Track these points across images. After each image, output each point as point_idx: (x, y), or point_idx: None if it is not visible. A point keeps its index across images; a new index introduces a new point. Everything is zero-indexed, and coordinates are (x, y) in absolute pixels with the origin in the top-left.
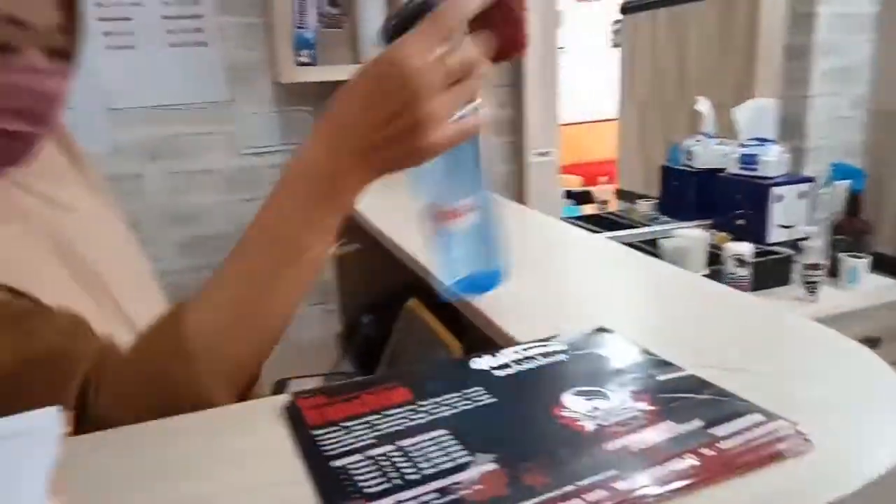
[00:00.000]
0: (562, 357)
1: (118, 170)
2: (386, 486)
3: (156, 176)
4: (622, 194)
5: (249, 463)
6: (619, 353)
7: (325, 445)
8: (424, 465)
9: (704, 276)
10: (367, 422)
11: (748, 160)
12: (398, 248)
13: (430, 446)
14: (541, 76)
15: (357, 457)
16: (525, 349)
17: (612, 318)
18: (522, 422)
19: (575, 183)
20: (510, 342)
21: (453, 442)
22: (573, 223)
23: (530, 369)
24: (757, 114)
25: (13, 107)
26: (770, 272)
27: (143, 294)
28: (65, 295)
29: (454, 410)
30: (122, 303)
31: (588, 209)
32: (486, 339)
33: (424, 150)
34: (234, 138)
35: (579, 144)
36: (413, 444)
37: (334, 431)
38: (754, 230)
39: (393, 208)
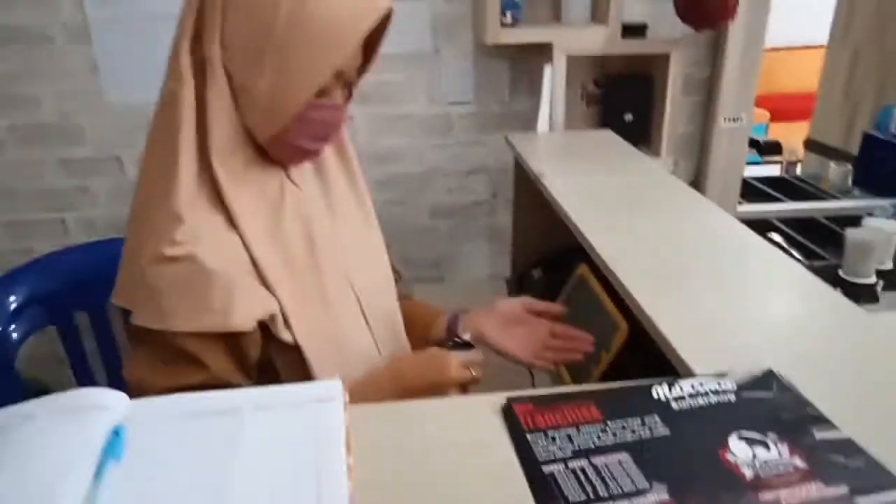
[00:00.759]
0: (731, 397)
1: None
2: (584, 498)
3: (363, 119)
4: (813, 146)
5: (474, 451)
6: (784, 401)
7: (536, 450)
8: (612, 484)
9: (887, 271)
10: (566, 434)
11: None
12: (576, 228)
13: (615, 467)
14: (746, 33)
15: (560, 466)
16: (700, 384)
17: (781, 354)
18: (692, 458)
19: (761, 118)
20: (686, 369)
21: (634, 467)
22: (753, 183)
23: (702, 406)
24: None
25: (315, 134)
26: None
27: (370, 267)
28: (302, 276)
29: (635, 436)
30: (355, 283)
31: (770, 169)
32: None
33: None
34: (433, 87)
35: (774, 71)
36: (603, 463)
37: (542, 438)
38: None
39: (574, 190)
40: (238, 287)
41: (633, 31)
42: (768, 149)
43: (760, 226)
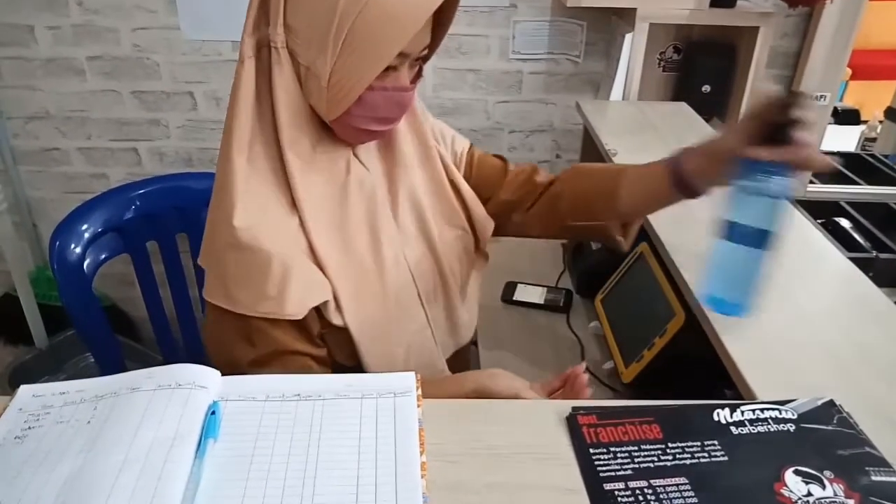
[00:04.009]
0: (790, 427)
1: None
2: None
3: (430, 70)
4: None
5: (538, 458)
6: (842, 437)
7: (598, 465)
8: None
9: None
10: (627, 452)
11: None
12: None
13: (673, 492)
14: (842, 10)
15: (621, 484)
16: (761, 410)
17: (844, 383)
18: (748, 489)
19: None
20: (748, 390)
21: (690, 493)
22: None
23: (761, 433)
24: None
25: (380, 116)
26: None
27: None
28: (360, 260)
29: (693, 461)
30: (412, 263)
31: (846, 137)
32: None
33: None
34: (506, 43)
35: (863, 23)
36: (661, 486)
37: (604, 454)
38: None
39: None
40: (293, 273)
41: (722, 0)
42: (846, 117)
43: (828, 208)
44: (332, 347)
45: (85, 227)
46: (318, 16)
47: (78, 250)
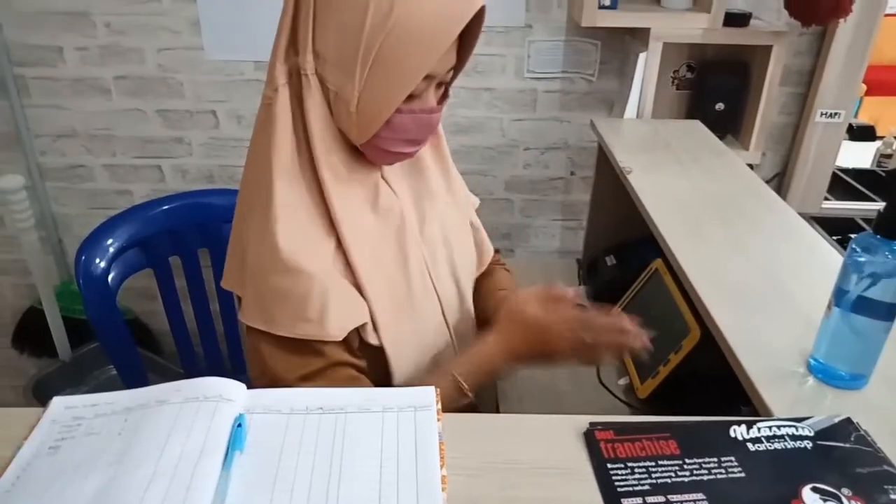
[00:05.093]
0: (807, 444)
1: None
2: None
3: None
4: None
5: (556, 473)
6: (861, 454)
7: (616, 480)
8: None
9: None
10: (645, 467)
11: None
12: (660, 235)
13: None
14: (856, 27)
15: (639, 500)
16: (778, 426)
17: (862, 400)
18: None
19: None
20: (764, 406)
21: None
22: (839, 174)
23: (778, 450)
24: None
25: (408, 138)
26: None
27: (454, 261)
28: (389, 276)
29: (710, 477)
30: (438, 284)
31: (861, 154)
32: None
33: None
34: (521, 62)
35: (878, 39)
36: (678, 501)
37: (622, 469)
38: None
39: (659, 191)
40: (333, 294)
41: (736, 19)
42: (860, 133)
43: (844, 225)
44: (366, 362)
45: (110, 241)
46: (345, 42)
47: (103, 265)
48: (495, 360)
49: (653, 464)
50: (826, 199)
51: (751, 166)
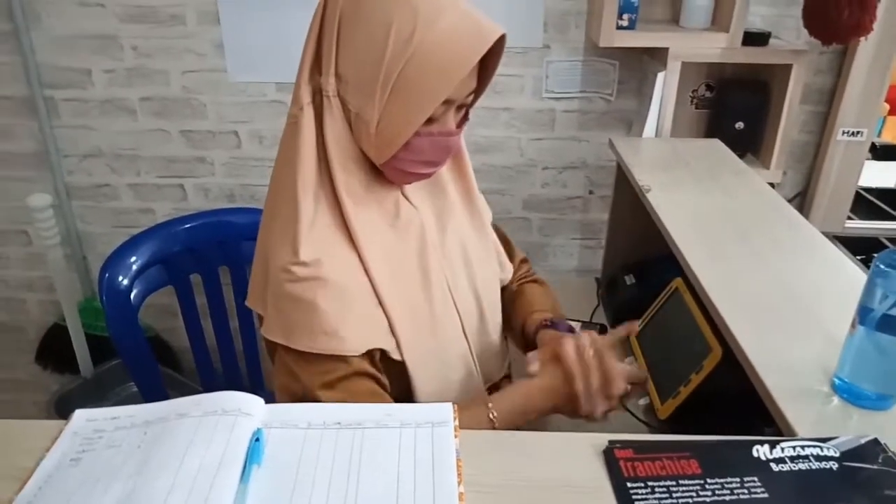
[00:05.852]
0: (832, 465)
1: None
2: None
3: None
4: None
5: (574, 491)
6: (889, 477)
7: (636, 499)
8: None
9: None
10: (665, 487)
11: None
12: (681, 255)
13: None
14: (877, 45)
15: None
16: (803, 446)
17: (892, 423)
18: None
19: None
20: (788, 428)
21: None
22: (863, 194)
23: (802, 471)
24: None
25: (425, 159)
26: None
27: (475, 277)
28: (410, 292)
29: (733, 497)
30: (458, 299)
31: (886, 173)
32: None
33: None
34: (540, 82)
35: None
36: None
37: (642, 488)
38: None
39: (679, 210)
40: (354, 310)
41: (755, 39)
42: (884, 153)
43: (868, 244)
44: (387, 376)
45: (133, 259)
46: (367, 65)
47: (126, 282)
48: (537, 405)
49: (673, 483)
50: (849, 218)
51: (772, 185)
